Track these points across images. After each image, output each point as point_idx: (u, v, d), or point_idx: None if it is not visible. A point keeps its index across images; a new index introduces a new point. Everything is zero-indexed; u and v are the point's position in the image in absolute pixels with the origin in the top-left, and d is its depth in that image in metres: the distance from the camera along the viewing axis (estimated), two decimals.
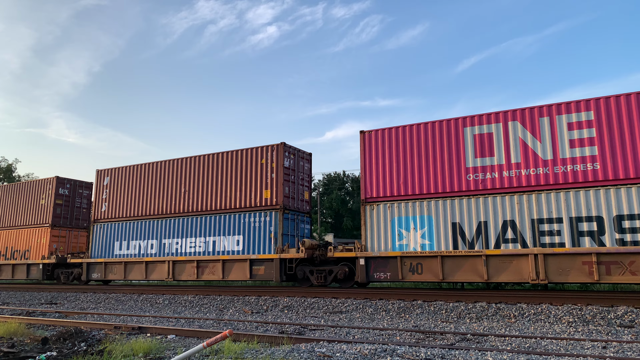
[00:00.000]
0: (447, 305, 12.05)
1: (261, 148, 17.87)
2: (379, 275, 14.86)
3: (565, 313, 10.62)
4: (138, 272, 19.82)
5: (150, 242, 19.70)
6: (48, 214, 23.78)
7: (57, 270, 23.14)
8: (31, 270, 23.56)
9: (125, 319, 12.18)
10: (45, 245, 23.27)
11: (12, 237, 24.77)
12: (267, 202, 17.30)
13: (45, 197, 24.01)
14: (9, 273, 24.35)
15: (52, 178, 24.20)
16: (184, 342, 8.25)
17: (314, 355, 6.29)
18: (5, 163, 56.12)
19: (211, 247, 18.13)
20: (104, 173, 22.21)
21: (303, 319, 12.01)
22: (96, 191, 22.14)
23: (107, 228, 21.21)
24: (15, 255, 24.33)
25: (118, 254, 20.56)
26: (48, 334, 8.75)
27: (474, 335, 8.61)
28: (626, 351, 7.02)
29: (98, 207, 21.77)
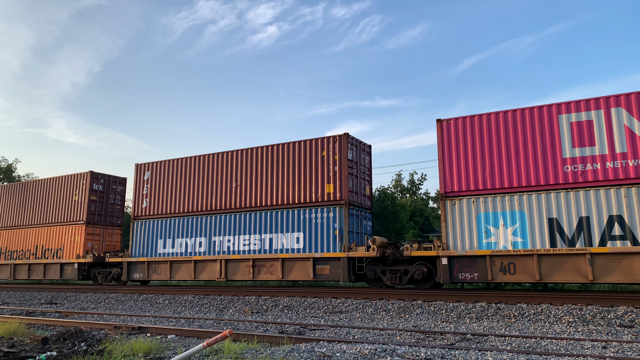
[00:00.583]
0: (447, 305, 12.05)
1: (322, 139, 16.78)
2: (465, 275, 13.66)
3: (565, 313, 10.62)
4: (186, 272, 18.56)
5: (198, 239, 18.54)
6: (82, 211, 22.40)
7: (93, 270, 21.85)
8: (65, 270, 22.20)
9: (125, 319, 12.19)
10: (80, 244, 21.97)
11: (42, 235, 23.43)
12: (330, 197, 16.21)
13: (79, 193, 22.64)
14: (40, 273, 23.03)
15: (86, 173, 22.87)
16: (184, 342, 8.25)
17: (314, 355, 6.29)
18: (5, 163, 56.13)
19: (267, 245, 17.04)
20: (144, 167, 20.85)
21: (303, 319, 12.01)
22: (136, 186, 20.80)
23: (149, 225, 20.01)
24: (46, 254, 23.00)
25: (162, 253, 19.33)
26: (48, 334, 8.75)
27: (474, 335, 8.61)
28: (626, 351, 7.02)
29: (138, 204, 20.45)
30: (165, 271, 19.13)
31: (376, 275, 15.49)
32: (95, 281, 21.85)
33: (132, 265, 20.14)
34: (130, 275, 20.13)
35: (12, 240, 24.62)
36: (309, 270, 16.06)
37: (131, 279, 20.17)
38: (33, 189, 24.78)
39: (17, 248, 24.21)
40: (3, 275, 24.36)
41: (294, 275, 16.41)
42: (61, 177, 23.71)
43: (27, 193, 24.95)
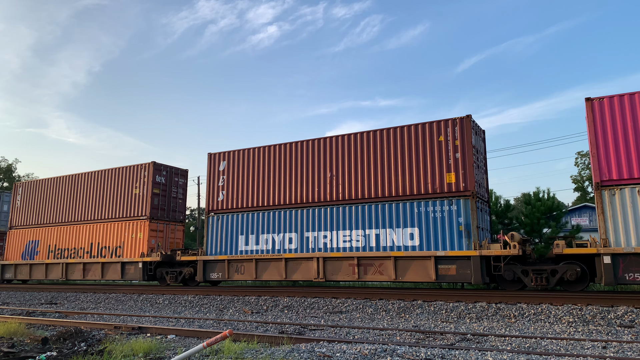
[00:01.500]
0: (447, 305, 12.05)
1: (437, 123, 14.90)
2: (634, 276, 11.95)
3: (565, 313, 10.62)
4: (275, 271, 16.61)
5: (287, 235, 16.67)
6: (145, 205, 20.32)
7: (160, 269, 19.77)
8: (127, 269, 20.17)
9: (125, 319, 12.18)
10: (143, 241, 19.88)
11: (98, 232, 21.41)
12: (452, 187, 14.37)
13: (140, 186, 20.58)
14: (98, 273, 20.95)
15: (149, 164, 20.74)
16: (184, 342, 8.25)
17: (314, 355, 6.29)
18: (5, 163, 56.16)
19: (374, 242, 15.10)
20: (219, 157, 18.83)
21: (303, 319, 12.01)
22: (209, 178, 18.87)
23: (226, 220, 18.01)
24: (103, 252, 20.99)
25: (245, 250, 17.35)
26: (48, 334, 8.75)
27: (474, 335, 8.61)
28: (626, 351, 7.02)
29: (213, 197, 18.51)
30: (249, 270, 17.10)
31: (515, 276, 13.75)
32: (163, 282, 19.92)
33: (208, 264, 18.04)
34: (206, 275, 18.05)
35: (62, 237, 22.59)
36: (430, 271, 14.14)
37: (208, 279, 18.16)
38: (86, 182, 22.70)
39: (68, 246, 22.22)
40: (53, 276, 22.44)
41: (410, 275, 14.42)
42: (120, 169, 21.61)
43: (78, 186, 22.81)
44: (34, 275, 23.26)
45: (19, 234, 24.58)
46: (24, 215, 24.68)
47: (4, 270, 24.61)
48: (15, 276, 24.04)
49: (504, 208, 21.66)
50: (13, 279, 24.21)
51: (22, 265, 23.86)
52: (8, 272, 24.50)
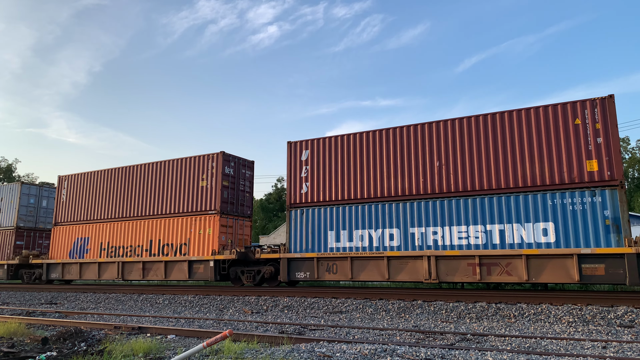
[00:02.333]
0: (447, 305, 12.05)
1: (572, 105, 13.44)
2: None
3: (565, 313, 10.62)
4: (375, 271, 14.96)
5: (388, 231, 15.03)
6: (215, 199, 18.59)
7: (234, 268, 18.24)
8: (195, 269, 18.42)
9: (125, 319, 12.19)
10: (214, 238, 18.19)
11: (159, 228, 19.66)
12: (594, 176, 12.85)
13: (207, 178, 18.91)
14: (160, 272, 19.23)
15: (218, 154, 19.02)
16: (184, 342, 8.25)
17: (314, 355, 6.29)
18: (5, 163, 56.16)
19: (497, 239, 13.56)
20: (300, 146, 17.27)
21: (303, 319, 12.01)
22: (290, 168, 17.31)
23: (312, 215, 16.48)
24: (165, 250, 19.24)
25: (335, 247, 15.82)
26: (48, 334, 8.75)
27: (474, 335, 8.61)
28: (626, 351, 7.03)
29: (295, 189, 16.99)
30: (343, 270, 15.50)
31: None
32: (237, 282, 18.44)
33: (293, 263, 16.48)
34: (291, 275, 16.47)
35: (117, 234, 20.85)
36: (572, 271, 12.60)
37: (293, 279, 16.60)
38: (143, 174, 20.85)
39: (123, 244, 20.50)
40: (108, 276, 20.70)
41: (546, 276, 12.93)
42: (184, 160, 19.85)
43: (135, 179, 21.02)
44: (85, 275, 21.47)
45: (65, 230, 22.72)
46: (71, 210, 22.87)
47: (49, 270, 22.81)
48: (62, 276, 22.17)
49: None
50: (60, 278, 22.41)
51: (70, 264, 22.06)
52: (54, 271, 22.64)
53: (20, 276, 24.72)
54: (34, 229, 26.29)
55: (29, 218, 26.19)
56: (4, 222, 26.02)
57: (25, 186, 26.36)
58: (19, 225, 25.53)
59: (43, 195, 27.09)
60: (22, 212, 25.81)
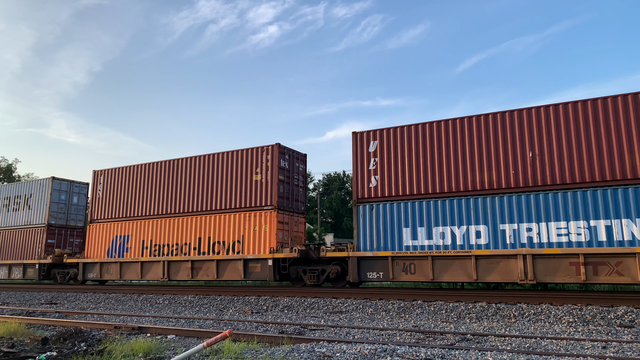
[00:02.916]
0: (447, 305, 12.05)
1: None
2: None
3: (565, 313, 10.62)
4: (460, 271, 13.82)
5: (474, 228, 13.85)
6: (272, 194, 17.37)
7: (294, 267, 16.93)
8: (251, 268, 17.15)
9: (125, 319, 12.19)
10: (271, 235, 17.00)
11: (209, 225, 18.41)
12: None
13: (262, 172, 17.71)
14: (212, 272, 17.91)
15: (274, 146, 17.74)
16: (184, 342, 8.25)
17: (314, 355, 6.29)
18: (5, 163, 56.16)
19: (603, 235, 12.31)
20: (367, 136, 16.00)
21: (303, 319, 12.01)
22: (357, 161, 16.05)
23: (384, 210, 15.24)
24: (216, 248, 17.96)
25: (412, 246, 14.60)
26: (48, 334, 8.75)
27: (474, 335, 8.61)
28: (626, 351, 7.03)
29: (363, 183, 15.73)
30: (423, 270, 14.29)
31: None
32: (297, 282, 17.07)
33: (364, 262, 15.23)
34: (362, 275, 15.20)
35: (161, 232, 19.52)
36: None
37: (364, 279, 15.26)
38: (189, 168, 19.50)
39: (169, 242, 19.16)
40: (152, 275, 19.34)
41: None
42: (235, 152, 18.55)
43: (180, 173, 19.66)
44: (126, 275, 20.11)
45: (102, 228, 21.34)
46: (109, 207, 21.52)
47: (85, 270, 21.40)
48: (101, 276, 20.80)
49: None
50: (98, 279, 21.08)
51: (109, 263, 20.70)
52: (91, 271, 21.27)
53: (52, 276, 23.30)
54: (65, 226, 24.77)
55: (60, 215, 24.65)
56: (34, 220, 24.45)
57: (57, 182, 24.70)
58: (50, 223, 23.95)
59: (74, 191, 25.57)
60: (53, 209, 24.27)
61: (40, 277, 23.14)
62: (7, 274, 24.43)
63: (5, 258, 24.82)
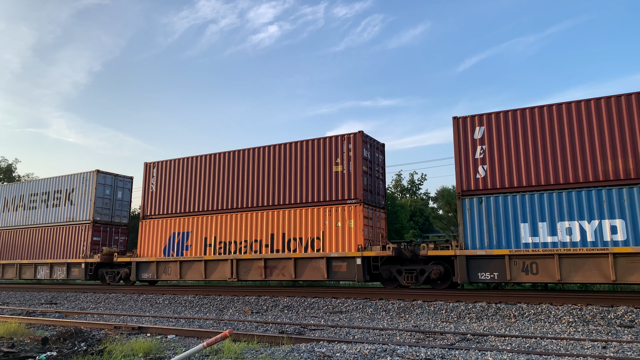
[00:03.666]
0: (447, 305, 12.05)
1: None
2: None
3: (565, 313, 10.63)
4: (594, 271, 12.25)
5: (607, 223, 12.29)
6: (356, 186, 15.78)
7: (387, 267, 15.32)
8: (336, 267, 15.58)
9: (125, 319, 12.19)
10: (357, 231, 15.46)
11: (282, 220, 16.86)
12: None
13: (343, 162, 16.21)
14: (288, 271, 16.31)
15: (356, 134, 16.24)
16: (184, 342, 8.25)
17: (314, 355, 6.29)
18: (5, 163, 56.17)
19: None
20: (472, 122, 14.45)
21: (303, 319, 12.01)
22: (459, 149, 14.46)
23: (495, 204, 13.71)
24: (292, 245, 16.47)
25: (532, 243, 13.00)
26: (48, 334, 8.75)
27: (474, 335, 8.61)
28: (626, 351, 7.03)
29: (468, 173, 14.19)
30: (547, 270, 12.78)
31: None
32: (390, 283, 15.48)
33: (473, 262, 13.68)
34: (471, 275, 13.62)
35: (226, 228, 17.94)
36: None
37: (475, 280, 13.65)
38: (258, 159, 17.98)
39: (236, 238, 17.60)
40: (218, 275, 17.71)
41: None
42: (310, 142, 17.08)
43: (249, 165, 18.09)
44: (188, 275, 18.39)
45: (157, 224, 19.63)
46: (164, 201, 19.82)
47: (139, 270, 19.68)
48: (157, 276, 19.10)
49: None
50: (154, 279, 19.38)
51: (167, 262, 19.02)
52: (146, 271, 19.52)
53: (100, 276, 21.67)
54: (109, 223, 23.02)
55: (105, 211, 22.88)
56: (77, 216, 22.68)
57: (101, 175, 22.92)
58: (96, 219, 22.20)
59: (118, 185, 23.68)
60: (98, 204, 22.54)
61: (86, 277, 21.46)
62: (49, 273, 22.66)
63: (44, 257, 23.02)
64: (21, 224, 24.59)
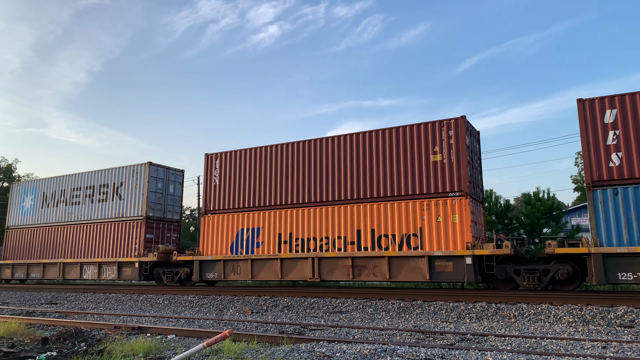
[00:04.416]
0: (447, 305, 12.05)
1: None
2: None
3: (565, 313, 10.63)
4: None
5: None
6: (459, 177, 14.31)
7: (502, 267, 13.76)
8: (439, 267, 14.03)
9: (125, 319, 12.19)
10: (464, 227, 13.91)
11: (370, 215, 15.27)
12: None
13: (443, 150, 14.70)
14: (382, 271, 14.65)
15: (458, 119, 14.64)
16: (184, 342, 8.25)
17: (314, 355, 6.29)
18: (5, 163, 56.16)
19: None
20: (601, 104, 12.97)
21: (303, 319, 12.01)
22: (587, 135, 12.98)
23: (635, 195, 12.25)
24: (383, 242, 14.86)
25: None
26: (48, 334, 8.75)
27: (474, 335, 8.61)
28: (626, 351, 7.03)
29: (599, 161, 12.75)
30: None
31: None
32: (504, 284, 14.08)
33: (610, 260, 12.12)
34: (609, 276, 12.09)
35: (303, 223, 16.42)
36: None
37: (614, 281, 12.10)
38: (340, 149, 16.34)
39: (315, 235, 16.09)
40: (296, 275, 16.09)
41: None
42: (402, 128, 15.49)
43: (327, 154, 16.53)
44: (261, 274, 16.77)
45: (222, 220, 18.02)
46: (229, 195, 18.22)
47: (203, 269, 18.01)
48: (224, 276, 17.47)
49: (504, 208, 21.68)
50: (220, 279, 17.69)
51: (236, 261, 17.33)
52: (211, 270, 17.84)
53: (156, 277, 19.92)
54: (162, 219, 21.17)
55: (157, 206, 21.06)
56: (127, 212, 20.94)
57: (154, 168, 21.08)
58: (149, 215, 20.46)
59: (170, 179, 21.88)
60: (151, 198, 20.74)
61: (141, 277, 19.80)
62: (97, 274, 20.96)
63: (91, 256, 21.30)
64: (63, 221, 22.83)
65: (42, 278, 22.89)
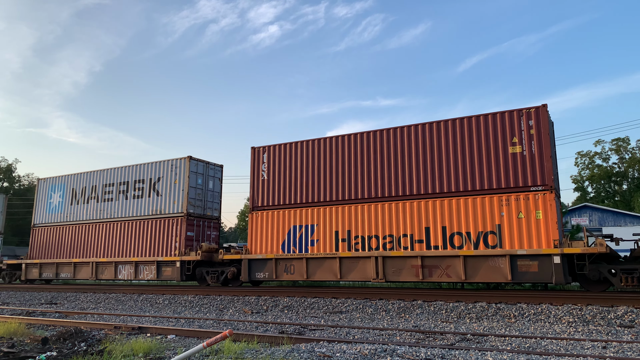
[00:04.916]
0: (447, 305, 12.05)
1: None
2: None
3: (565, 313, 10.63)
4: None
5: None
6: (542, 170, 13.44)
7: (595, 266, 12.93)
8: (522, 267, 13.16)
9: (125, 319, 12.19)
10: (549, 224, 13.03)
11: (440, 211, 14.50)
12: None
13: (523, 141, 13.79)
14: (455, 271, 13.92)
15: (539, 107, 13.81)
16: (184, 342, 8.25)
17: (314, 355, 6.29)
18: (5, 163, 56.17)
19: None
20: None
21: (303, 319, 12.01)
22: None
23: None
24: (456, 240, 14.10)
25: None
26: (48, 334, 8.75)
27: (474, 335, 8.61)
28: (626, 351, 7.03)
29: None
30: None
31: None
32: (597, 285, 13.29)
33: None
34: None
35: (363, 220, 15.63)
36: None
37: None
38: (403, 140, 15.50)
39: (376, 232, 15.30)
40: (356, 275, 15.35)
41: None
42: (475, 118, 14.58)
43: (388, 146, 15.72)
44: (317, 274, 16.01)
45: (272, 217, 17.32)
46: (279, 190, 17.46)
47: (252, 268, 17.22)
48: (276, 275, 16.71)
49: None
50: (272, 279, 16.90)
51: (289, 260, 16.62)
52: (261, 270, 17.05)
53: (199, 277, 19.10)
54: (202, 216, 20.38)
55: (198, 203, 20.27)
56: (166, 208, 20.04)
57: (193, 162, 20.24)
58: (189, 212, 19.66)
59: (209, 174, 21.00)
60: (192, 194, 19.92)
61: (182, 277, 18.90)
62: (133, 274, 20.13)
63: (126, 255, 20.45)
64: (94, 218, 21.98)
65: (73, 278, 22.13)
